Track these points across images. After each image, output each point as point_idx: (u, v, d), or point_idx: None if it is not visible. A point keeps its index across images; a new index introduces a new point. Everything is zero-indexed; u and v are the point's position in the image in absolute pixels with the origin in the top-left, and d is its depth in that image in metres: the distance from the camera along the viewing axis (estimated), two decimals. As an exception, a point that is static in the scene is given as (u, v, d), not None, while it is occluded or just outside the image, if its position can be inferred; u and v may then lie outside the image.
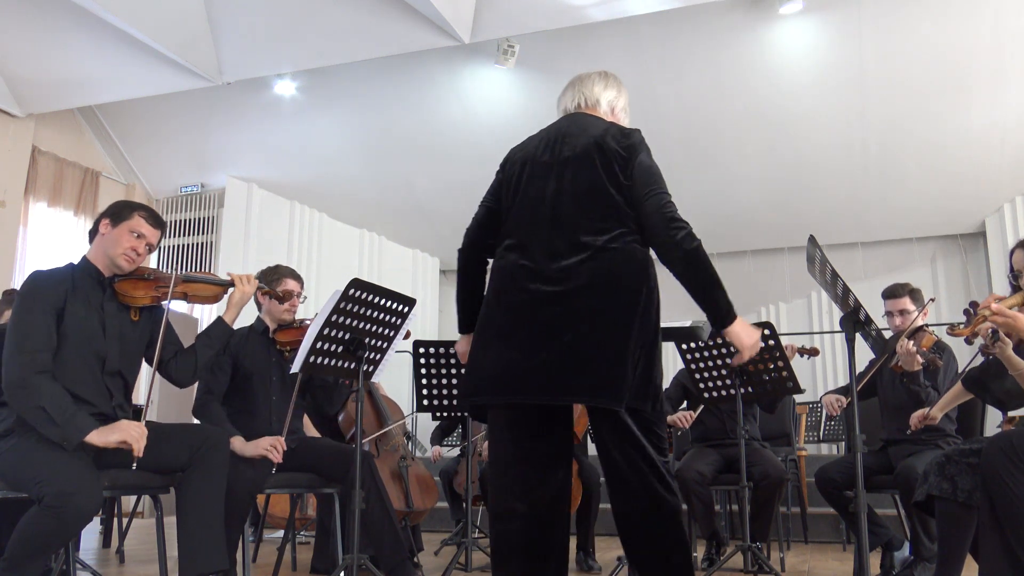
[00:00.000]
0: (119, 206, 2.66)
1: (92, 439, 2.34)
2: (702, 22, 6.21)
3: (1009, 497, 2.14)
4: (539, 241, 2.11)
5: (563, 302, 2.04)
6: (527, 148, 2.29)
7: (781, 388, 3.54)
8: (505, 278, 2.14)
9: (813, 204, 8.09)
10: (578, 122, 2.25)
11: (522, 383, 2.03)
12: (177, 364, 2.72)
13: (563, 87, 2.41)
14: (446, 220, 8.98)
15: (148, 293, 2.64)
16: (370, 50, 5.89)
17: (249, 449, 3.03)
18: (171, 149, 8.00)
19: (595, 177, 2.12)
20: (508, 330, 2.08)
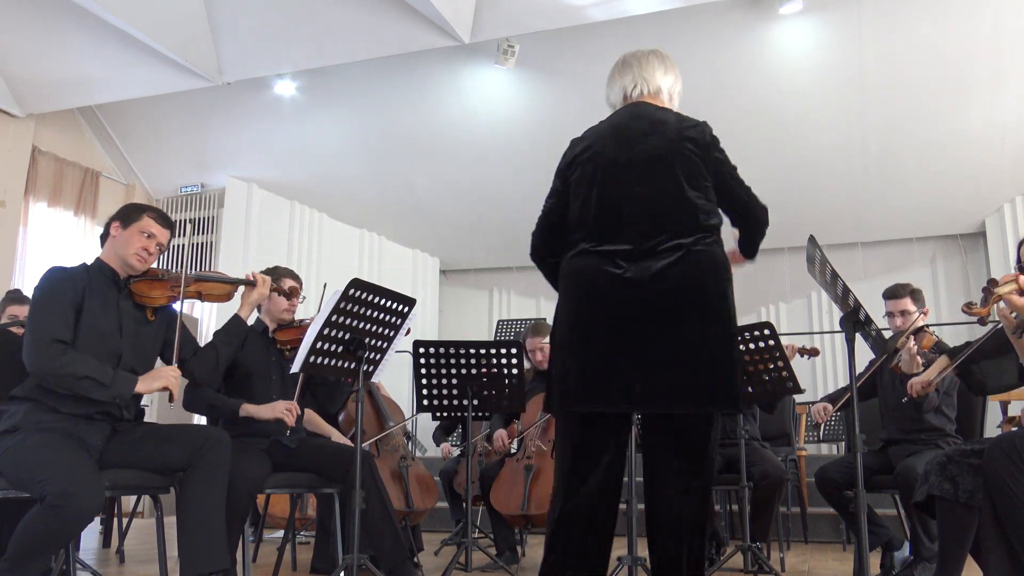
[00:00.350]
0: (128, 208, 2.72)
1: (139, 388, 2.50)
2: (702, 22, 6.21)
3: (1011, 499, 2.14)
4: (624, 243, 2.06)
5: (661, 307, 2.01)
6: (595, 144, 2.19)
7: (781, 388, 3.53)
8: (591, 283, 2.08)
9: (813, 204, 8.08)
10: (648, 115, 2.19)
11: (637, 392, 1.99)
12: (198, 362, 2.78)
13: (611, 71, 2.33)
14: (446, 220, 8.98)
15: (164, 293, 2.69)
16: (370, 50, 5.89)
17: (265, 412, 3.10)
18: (171, 149, 8.00)
19: (678, 178, 2.09)
20: (608, 334, 2.03)
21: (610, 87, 2.33)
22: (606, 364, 2.02)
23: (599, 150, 2.17)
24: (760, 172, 8.14)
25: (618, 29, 6.01)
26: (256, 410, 3.11)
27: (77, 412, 2.45)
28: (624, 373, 2.00)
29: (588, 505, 2.07)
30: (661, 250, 2.04)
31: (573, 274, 2.13)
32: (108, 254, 2.67)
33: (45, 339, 2.39)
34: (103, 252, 2.68)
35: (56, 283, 2.51)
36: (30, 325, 2.44)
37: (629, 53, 2.33)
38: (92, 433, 2.47)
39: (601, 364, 2.03)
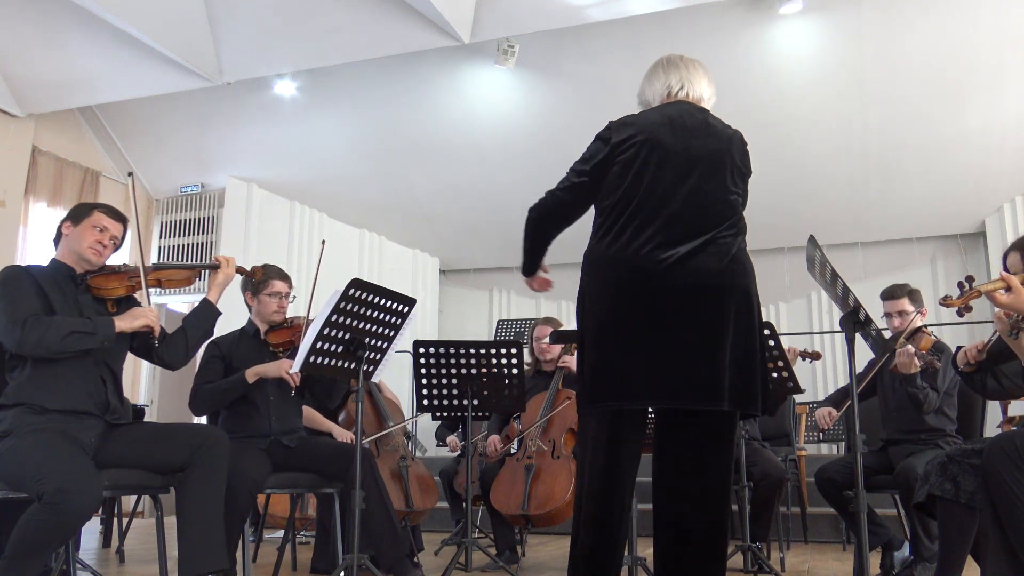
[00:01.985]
0: (78, 207, 2.74)
1: (121, 327, 2.53)
2: (702, 22, 6.20)
3: (1011, 498, 2.13)
4: (666, 235, 2.05)
5: (705, 302, 2.01)
6: (644, 127, 2.15)
7: (782, 389, 3.53)
8: (630, 271, 2.04)
9: (813, 204, 8.08)
10: (697, 115, 2.20)
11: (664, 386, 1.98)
12: (166, 346, 2.75)
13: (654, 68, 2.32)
14: (446, 220, 8.98)
15: (122, 284, 2.69)
16: (370, 50, 5.89)
17: (271, 370, 3.14)
18: (171, 149, 8.00)
19: (726, 179, 2.15)
20: (651, 329, 2.00)
21: (651, 83, 2.31)
22: (642, 359, 1.99)
23: (652, 137, 2.12)
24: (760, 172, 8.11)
25: (618, 29, 6.01)
26: (262, 368, 3.15)
27: (65, 409, 2.44)
28: (659, 368, 1.98)
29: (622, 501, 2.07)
30: (708, 246, 2.05)
31: (618, 260, 2.06)
32: (63, 253, 2.68)
33: (20, 316, 2.41)
34: (58, 252, 2.69)
35: (14, 275, 2.54)
36: (2, 314, 2.44)
37: (674, 55, 2.34)
38: (85, 431, 2.47)
39: (637, 359, 1.99)
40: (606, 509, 2.06)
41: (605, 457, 2.07)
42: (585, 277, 2.14)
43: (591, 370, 2.06)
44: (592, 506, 2.07)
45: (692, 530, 2.03)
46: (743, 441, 3.59)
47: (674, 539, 2.06)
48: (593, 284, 2.11)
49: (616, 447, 2.07)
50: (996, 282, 2.26)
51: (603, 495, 2.06)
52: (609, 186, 2.14)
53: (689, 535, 2.04)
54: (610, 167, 2.14)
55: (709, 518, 2.03)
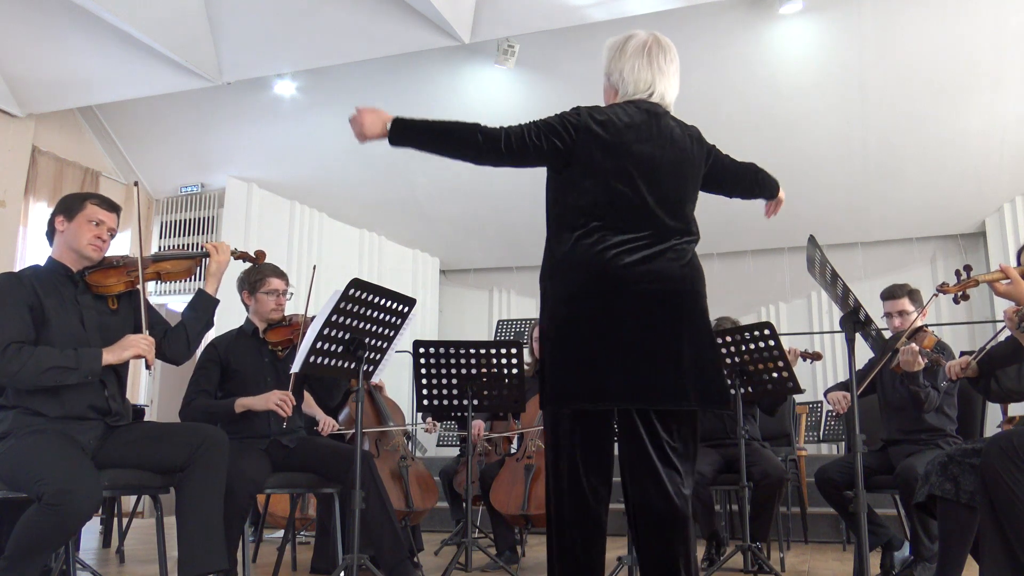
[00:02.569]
0: (69, 200, 2.65)
1: (108, 359, 2.44)
2: (702, 22, 6.20)
3: (1009, 497, 2.14)
4: (637, 241, 2.07)
5: (669, 305, 2.05)
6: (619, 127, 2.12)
7: (782, 389, 3.54)
8: (591, 272, 2.05)
9: (813, 204, 8.08)
10: (665, 116, 2.21)
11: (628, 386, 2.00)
12: (169, 341, 2.72)
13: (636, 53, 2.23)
14: (446, 220, 8.98)
15: (121, 279, 2.64)
16: (370, 50, 5.89)
17: (259, 403, 3.08)
18: (171, 149, 8.00)
19: (688, 182, 2.19)
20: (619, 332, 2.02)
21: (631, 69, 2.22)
22: (606, 359, 2.02)
23: (623, 142, 2.11)
24: (760, 172, 8.12)
25: (618, 29, 5.96)
26: (251, 401, 3.11)
27: (62, 414, 2.43)
28: (623, 368, 2.00)
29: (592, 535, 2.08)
30: (668, 252, 2.09)
31: (575, 265, 2.07)
32: (60, 251, 2.62)
33: (2, 343, 2.34)
34: (54, 250, 2.63)
35: (5, 288, 2.46)
36: None
37: (655, 44, 2.25)
38: (84, 432, 2.46)
39: (601, 359, 2.02)
40: (578, 510, 2.06)
41: (573, 458, 2.08)
42: (547, 279, 2.14)
43: (555, 370, 2.07)
44: (562, 508, 2.08)
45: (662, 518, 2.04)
46: (743, 441, 3.59)
47: (645, 529, 2.07)
48: (556, 286, 2.11)
49: (583, 448, 2.08)
50: (996, 272, 2.30)
51: (573, 496, 2.07)
52: (576, 186, 2.12)
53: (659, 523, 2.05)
54: (574, 160, 2.12)
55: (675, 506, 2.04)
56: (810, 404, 6.97)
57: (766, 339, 3.44)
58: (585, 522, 2.07)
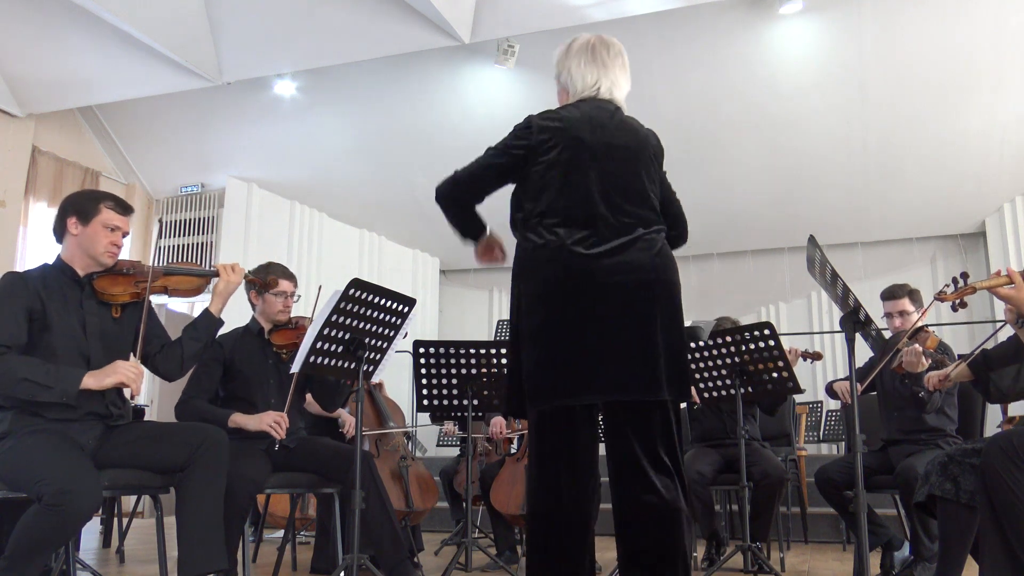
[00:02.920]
0: (83, 201, 2.57)
1: (88, 384, 2.36)
2: (702, 22, 6.21)
3: (1009, 497, 2.14)
4: (596, 232, 2.08)
5: (636, 297, 2.05)
6: (565, 125, 2.17)
7: (782, 389, 3.54)
8: (564, 269, 2.07)
9: (813, 204, 8.08)
10: (615, 114, 2.22)
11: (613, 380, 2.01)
12: (163, 357, 2.67)
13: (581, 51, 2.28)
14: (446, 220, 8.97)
15: (127, 290, 2.60)
16: (370, 50, 5.89)
17: (252, 423, 3.05)
18: (171, 149, 8.00)
19: (646, 176, 2.18)
20: (586, 325, 2.04)
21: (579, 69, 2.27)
22: (584, 354, 2.03)
23: (575, 136, 2.15)
24: (760, 172, 8.21)
25: (618, 29, 5.99)
26: (244, 420, 3.06)
27: (61, 417, 2.42)
28: (601, 362, 2.02)
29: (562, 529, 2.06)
30: (637, 242, 2.09)
31: (545, 262, 2.10)
32: (71, 253, 2.56)
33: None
34: (64, 251, 2.57)
35: (7, 287, 2.42)
36: None
37: (600, 43, 2.29)
38: (83, 433, 2.46)
39: (580, 354, 2.03)
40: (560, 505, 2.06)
41: (544, 451, 2.09)
42: (517, 279, 2.17)
43: (533, 369, 2.08)
44: (543, 503, 2.07)
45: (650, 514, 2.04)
46: (743, 441, 3.59)
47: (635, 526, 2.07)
48: (527, 284, 2.13)
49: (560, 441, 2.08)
50: (995, 278, 2.29)
51: (541, 487, 2.08)
52: (535, 186, 2.16)
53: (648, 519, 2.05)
54: (531, 164, 2.17)
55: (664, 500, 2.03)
56: (810, 404, 6.97)
57: (766, 339, 3.44)
58: (567, 519, 2.06)
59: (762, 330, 3.45)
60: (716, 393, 3.63)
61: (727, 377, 3.57)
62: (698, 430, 4.19)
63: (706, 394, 3.66)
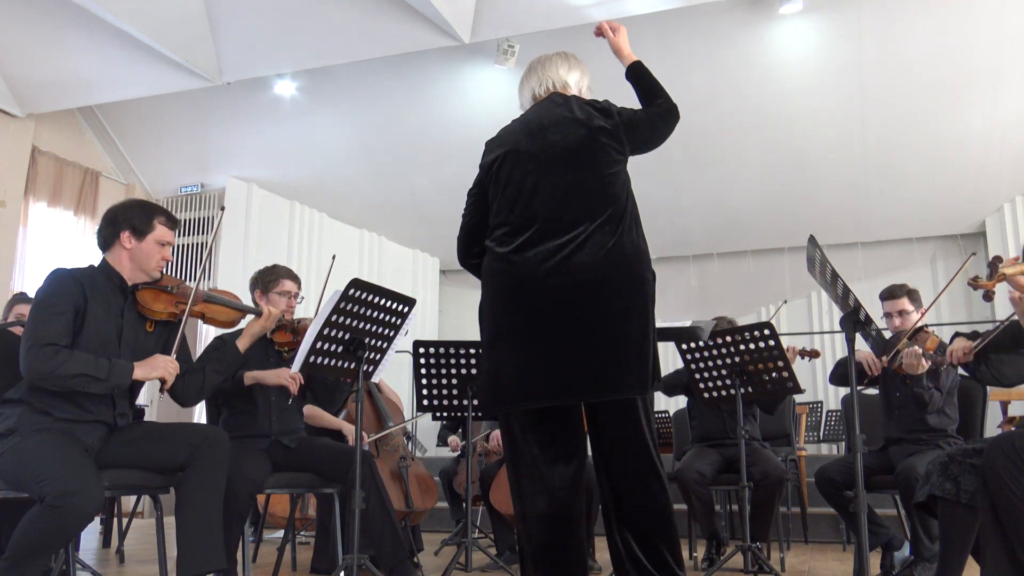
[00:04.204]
0: (136, 215, 2.60)
1: (138, 375, 2.47)
2: (702, 22, 6.21)
3: (1010, 498, 2.13)
4: (538, 236, 2.09)
5: (580, 297, 2.03)
6: (505, 140, 2.24)
7: (782, 388, 3.54)
8: (509, 276, 2.10)
9: (813, 204, 8.08)
10: (556, 105, 2.23)
11: (558, 384, 2.01)
12: (184, 384, 2.68)
13: (522, 78, 2.39)
14: (446, 220, 8.97)
15: (167, 308, 2.64)
16: (370, 50, 5.89)
17: (270, 377, 3.13)
18: (171, 149, 8.00)
19: (593, 168, 2.12)
20: (531, 330, 2.05)
21: (520, 94, 2.39)
22: (534, 358, 2.04)
23: (512, 148, 2.20)
24: (760, 172, 8.20)
25: (618, 29, 6.01)
26: (261, 375, 3.14)
27: (69, 416, 2.43)
28: (551, 365, 2.02)
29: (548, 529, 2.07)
30: (585, 243, 2.07)
31: (495, 272, 2.14)
32: (119, 261, 2.59)
33: (38, 343, 2.35)
34: (111, 256, 2.60)
35: (58, 286, 2.46)
36: (27, 329, 2.40)
37: (535, 59, 2.38)
38: (88, 434, 2.46)
39: (531, 359, 2.04)
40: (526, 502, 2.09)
41: (516, 454, 2.11)
42: (481, 290, 2.21)
43: (486, 377, 2.13)
44: (520, 507, 2.11)
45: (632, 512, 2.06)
46: (743, 441, 3.59)
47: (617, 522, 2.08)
48: (484, 294, 2.18)
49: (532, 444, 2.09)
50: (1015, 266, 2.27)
51: (521, 488, 2.10)
52: (493, 202, 2.23)
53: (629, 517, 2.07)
54: (489, 185, 2.25)
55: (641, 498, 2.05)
56: (810, 404, 6.98)
57: (766, 339, 3.44)
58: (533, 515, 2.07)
59: (762, 330, 3.45)
60: (716, 393, 3.63)
61: (727, 377, 3.57)
62: (698, 430, 4.19)
63: (706, 394, 3.65)
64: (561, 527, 2.07)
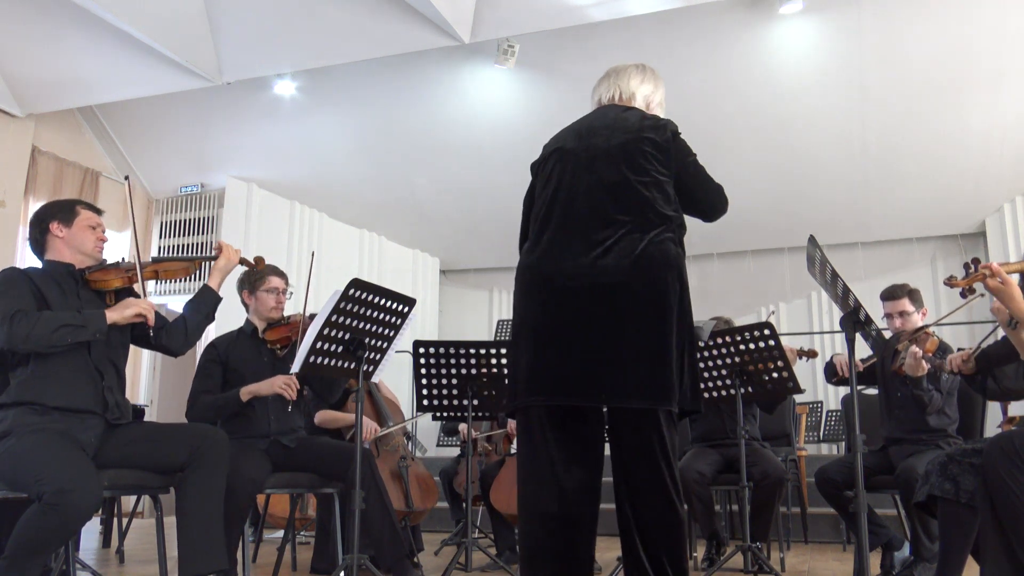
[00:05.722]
0: (59, 208, 2.71)
1: (112, 318, 2.49)
2: (702, 22, 6.20)
3: (1010, 498, 2.13)
4: (572, 237, 2.10)
5: (605, 301, 2.03)
6: (556, 140, 2.28)
7: (781, 389, 3.54)
8: (539, 275, 2.12)
9: (813, 204, 8.08)
10: (611, 114, 2.24)
11: (573, 384, 2.02)
12: (167, 332, 2.75)
13: (598, 78, 2.40)
14: (446, 220, 8.98)
15: (120, 275, 2.69)
16: (370, 50, 5.89)
17: (264, 388, 3.12)
18: (171, 149, 8.00)
19: (633, 173, 2.11)
20: (552, 329, 2.06)
21: (591, 98, 2.41)
22: (556, 358, 2.04)
23: (559, 147, 2.23)
24: (760, 172, 8.19)
25: (618, 29, 6.01)
26: (256, 387, 3.14)
27: (66, 407, 2.44)
28: (572, 366, 2.03)
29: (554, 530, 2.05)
30: (609, 244, 2.06)
31: (527, 269, 2.16)
32: (60, 252, 2.67)
33: (7, 315, 2.40)
34: (51, 253, 2.68)
35: (10, 275, 2.55)
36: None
37: (611, 67, 2.39)
38: (85, 430, 2.46)
39: (553, 359, 2.05)
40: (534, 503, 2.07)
41: (529, 454, 2.11)
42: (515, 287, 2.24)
43: (510, 373, 2.18)
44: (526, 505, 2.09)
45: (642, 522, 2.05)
46: (743, 441, 3.59)
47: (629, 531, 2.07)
48: (515, 293, 2.21)
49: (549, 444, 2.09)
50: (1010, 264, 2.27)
51: (530, 489, 2.08)
52: (536, 200, 2.26)
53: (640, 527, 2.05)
54: (537, 184, 2.29)
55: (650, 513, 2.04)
56: (810, 404, 6.97)
57: (766, 339, 3.44)
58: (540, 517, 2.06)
59: (762, 330, 3.45)
60: (716, 393, 3.63)
61: (727, 377, 3.57)
62: (698, 430, 4.19)
63: (706, 394, 3.66)
64: (569, 530, 2.06)
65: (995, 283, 2.22)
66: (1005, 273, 2.23)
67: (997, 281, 2.22)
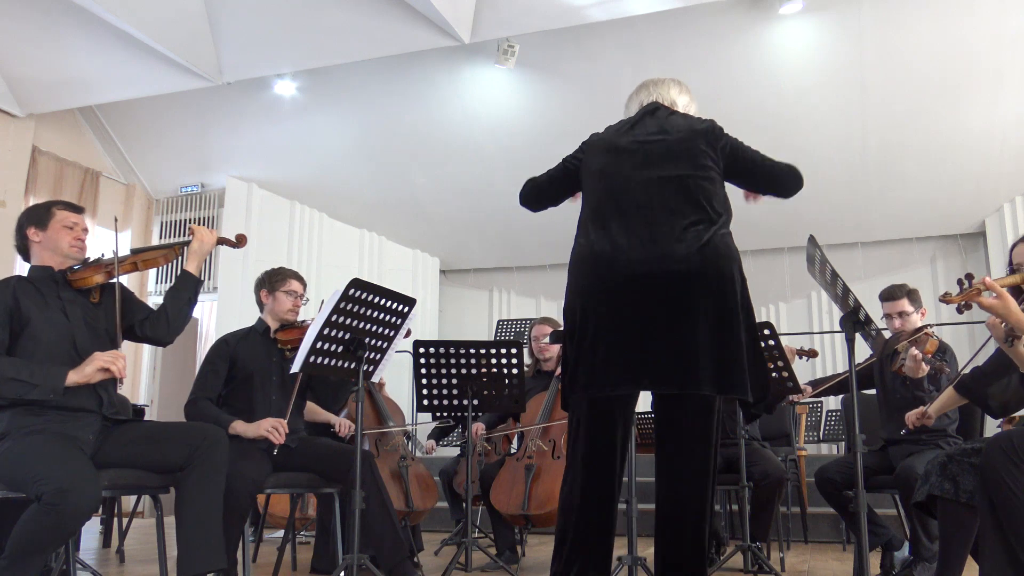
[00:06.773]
0: (34, 212, 2.70)
1: (73, 379, 2.41)
2: (702, 22, 6.21)
3: (1009, 497, 2.13)
4: (636, 229, 2.12)
5: (676, 287, 2.06)
6: (609, 135, 2.32)
7: (781, 388, 3.53)
8: (604, 262, 2.13)
9: (813, 204, 8.08)
10: (660, 114, 2.29)
11: (653, 371, 2.05)
12: (150, 323, 2.75)
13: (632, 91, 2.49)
14: (446, 220, 8.98)
15: (99, 271, 2.69)
16: (370, 50, 5.90)
17: (251, 431, 3.07)
18: (171, 149, 8.00)
19: (689, 161, 2.18)
20: (627, 318, 2.08)
21: (627, 107, 2.46)
22: (616, 347, 2.07)
23: (612, 139, 2.27)
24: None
25: (618, 29, 6.01)
26: (243, 428, 3.08)
27: (61, 406, 2.43)
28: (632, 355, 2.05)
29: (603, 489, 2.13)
30: (682, 233, 2.10)
31: (585, 260, 2.17)
32: (40, 257, 2.67)
33: None
34: (34, 258, 2.68)
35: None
36: None
37: (647, 79, 2.48)
38: (82, 429, 2.46)
39: (611, 347, 2.07)
40: (586, 496, 2.12)
41: (585, 444, 2.15)
42: (567, 277, 2.26)
43: (568, 362, 2.19)
44: (573, 493, 2.14)
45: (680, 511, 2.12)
46: (743, 441, 3.59)
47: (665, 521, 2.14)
48: (569, 281, 2.23)
49: (595, 435, 2.14)
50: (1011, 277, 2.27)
51: (583, 482, 2.13)
52: (584, 193, 2.30)
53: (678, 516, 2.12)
54: (579, 174, 2.32)
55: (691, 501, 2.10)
56: (810, 404, 6.97)
57: (766, 339, 3.44)
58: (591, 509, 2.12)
59: (762, 330, 3.45)
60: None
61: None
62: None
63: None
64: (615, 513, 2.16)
65: (990, 300, 2.21)
66: (999, 287, 2.21)
67: (992, 296, 2.21)
